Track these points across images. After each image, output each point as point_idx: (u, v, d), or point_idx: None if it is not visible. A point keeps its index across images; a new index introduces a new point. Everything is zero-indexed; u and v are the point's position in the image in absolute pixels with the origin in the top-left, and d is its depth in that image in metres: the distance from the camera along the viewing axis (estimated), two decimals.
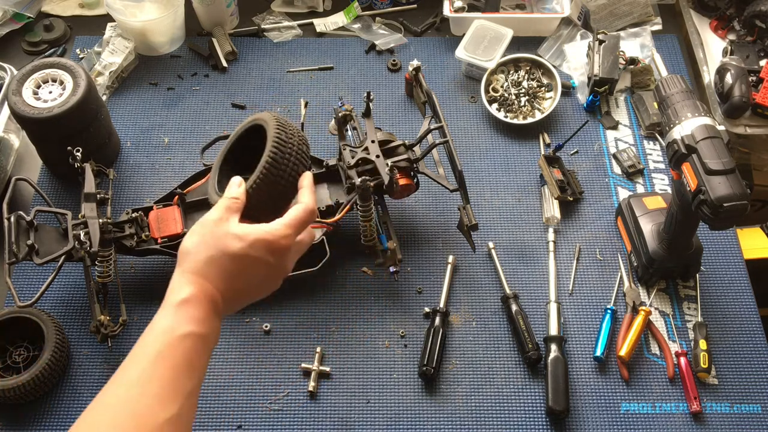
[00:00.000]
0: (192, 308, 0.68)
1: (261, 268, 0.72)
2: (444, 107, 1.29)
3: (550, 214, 1.21)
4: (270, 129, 0.81)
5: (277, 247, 0.72)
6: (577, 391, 1.06)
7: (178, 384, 0.64)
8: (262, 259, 0.71)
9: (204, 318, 0.68)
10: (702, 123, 0.95)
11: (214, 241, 0.70)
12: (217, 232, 0.71)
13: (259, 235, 0.71)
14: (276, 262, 0.73)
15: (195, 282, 0.69)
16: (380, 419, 1.04)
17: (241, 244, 0.70)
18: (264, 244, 0.71)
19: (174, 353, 0.65)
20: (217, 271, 0.70)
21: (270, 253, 0.72)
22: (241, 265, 0.70)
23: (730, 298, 1.14)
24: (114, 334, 1.05)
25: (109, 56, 1.36)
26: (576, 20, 1.45)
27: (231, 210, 0.74)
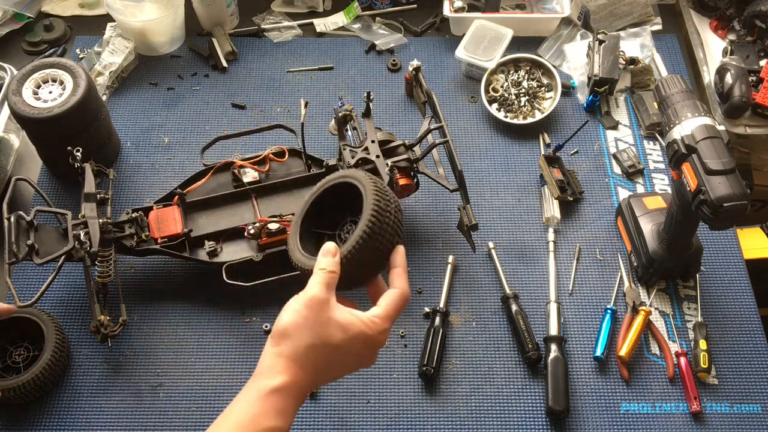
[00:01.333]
0: (281, 400, 0.66)
1: (353, 361, 0.71)
2: (444, 107, 1.29)
3: (550, 214, 1.21)
4: (368, 193, 0.74)
5: (374, 343, 0.70)
6: (577, 391, 1.06)
7: None
8: (358, 352, 0.70)
9: (290, 411, 0.67)
10: (702, 123, 0.95)
11: (317, 327, 0.68)
12: (320, 318, 0.68)
13: (361, 329, 0.69)
14: (368, 356, 0.71)
15: (290, 370, 0.67)
16: (380, 419, 1.04)
17: (342, 336, 0.68)
18: (364, 338, 0.69)
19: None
20: (313, 361, 0.68)
21: (367, 347, 0.70)
22: (337, 356, 0.69)
23: (730, 298, 1.14)
24: (114, 334, 1.05)
25: (109, 56, 1.36)
26: (576, 20, 1.45)
27: (330, 287, 0.70)
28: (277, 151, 1.18)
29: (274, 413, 0.65)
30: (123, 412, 1.04)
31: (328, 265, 0.71)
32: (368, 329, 0.69)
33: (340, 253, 0.72)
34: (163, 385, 1.07)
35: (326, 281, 0.70)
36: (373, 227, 0.72)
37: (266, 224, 1.07)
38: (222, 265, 1.07)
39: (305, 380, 0.68)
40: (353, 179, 0.77)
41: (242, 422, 0.65)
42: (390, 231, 0.74)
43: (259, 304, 1.13)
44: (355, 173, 0.78)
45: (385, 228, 0.73)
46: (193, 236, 1.10)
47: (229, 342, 1.10)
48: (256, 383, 0.67)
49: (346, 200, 0.78)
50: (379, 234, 0.72)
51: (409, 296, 0.73)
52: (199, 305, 1.13)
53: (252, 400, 0.66)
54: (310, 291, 0.69)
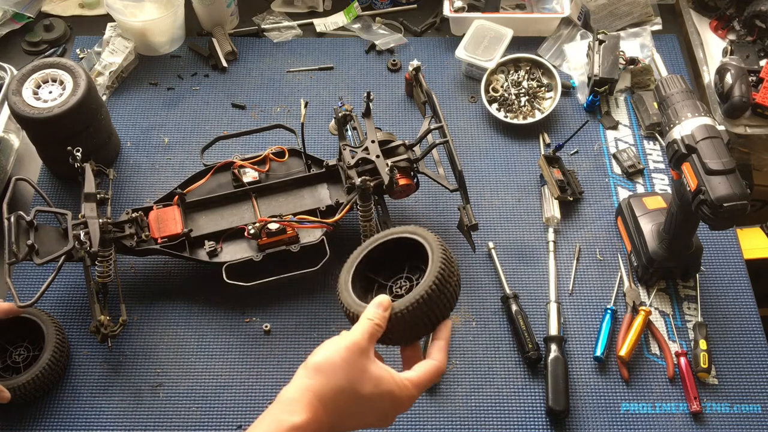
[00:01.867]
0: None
1: (374, 417, 0.70)
2: (444, 107, 1.29)
3: (550, 214, 1.21)
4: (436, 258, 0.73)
5: (400, 405, 0.70)
6: (577, 391, 1.06)
7: None
8: (382, 410, 0.70)
9: None
10: (702, 123, 0.95)
11: (351, 372, 0.68)
12: (357, 365, 0.68)
13: (392, 389, 0.69)
14: (390, 415, 0.71)
15: (314, 409, 0.67)
16: None
17: (373, 389, 0.68)
18: (391, 398, 0.69)
19: None
20: (338, 406, 0.68)
21: (392, 407, 0.70)
22: (362, 407, 0.69)
23: (730, 298, 1.14)
24: (114, 334, 1.05)
25: (109, 56, 1.36)
26: (576, 20, 1.45)
27: (373, 339, 0.70)
28: (277, 151, 1.18)
29: None
30: (123, 412, 1.04)
31: (377, 317, 0.71)
32: (399, 390, 0.69)
33: (393, 308, 0.71)
34: (163, 385, 1.07)
35: (371, 331, 0.70)
36: (432, 293, 0.71)
37: (266, 224, 1.07)
38: (222, 265, 1.07)
39: (324, 422, 0.67)
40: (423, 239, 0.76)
41: None
42: (447, 301, 0.73)
43: (259, 304, 1.13)
44: (426, 234, 0.77)
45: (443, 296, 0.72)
46: (193, 236, 1.10)
47: (229, 342, 1.10)
48: (279, 414, 0.67)
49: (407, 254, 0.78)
50: (436, 301, 0.71)
51: (444, 371, 0.73)
52: (199, 305, 1.13)
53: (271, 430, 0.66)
54: (354, 336, 0.69)
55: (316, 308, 1.13)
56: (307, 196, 1.16)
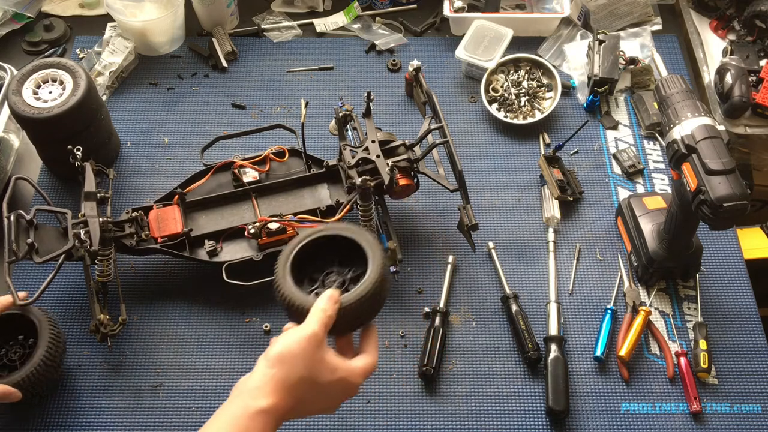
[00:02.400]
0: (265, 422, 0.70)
1: (330, 401, 0.76)
2: (444, 107, 1.29)
3: (550, 214, 1.21)
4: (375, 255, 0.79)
5: (351, 390, 0.76)
6: (577, 391, 1.06)
7: None
8: (337, 395, 0.75)
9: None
10: (702, 123, 0.95)
11: (311, 363, 0.72)
12: (316, 355, 0.72)
13: (345, 376, 0.74)
14: (341, 399, 0.76)
15: (281, 396, 0.71)
16: (380, 419, 1.04)
17: (329, 377, 0.73)
18: (345, 384, 0.75)
19: None
20: (300, 393, 0.72)
21: (344, 392, 0.75)
22: (321, 394, 0.74)
23: (730, 298, 1.14)
24: (114, 333, 1.05)
25: (109, 56, 1.36)
26: (576, 20, 1.45)
27: (327, 329, 0.74)
28: (277, 151, 1.18)
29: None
30: (123, 412, 1.04)
31: (329, 309, 0.75)
32: (351, 378, 0.75)
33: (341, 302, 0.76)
34: (163, 385, 1.07)
35: (325, 322, 0.74)
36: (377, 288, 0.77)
37: (266, 224, 1.07)
38: (222, 265, 1.07)
39: (287, 408, 0.71)
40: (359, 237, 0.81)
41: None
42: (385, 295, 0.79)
43: (259, 304, 1.13)
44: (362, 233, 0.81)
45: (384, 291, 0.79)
46: (193, 236, 1.10)
47: (229, 342, 1.10)
48: (244, 400, 0.71)
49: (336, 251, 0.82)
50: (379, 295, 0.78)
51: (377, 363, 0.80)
52: (199, 305, 1.13)
53: (238, 417, 0.70)
54: (312, 327, 0.73)
55: None
56: (307, 196, 1.16)
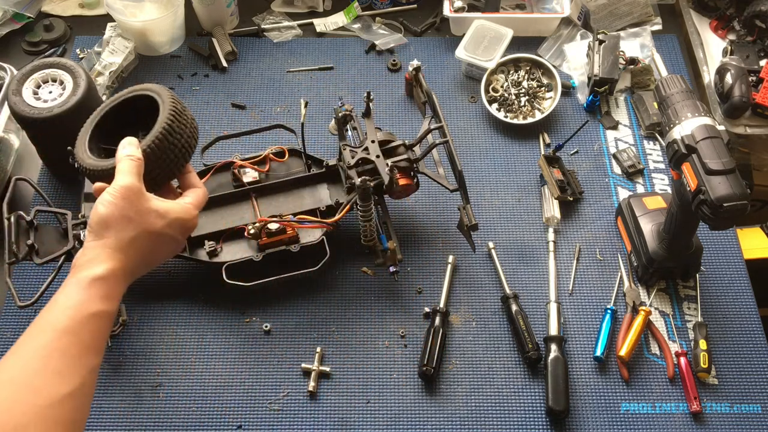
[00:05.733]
0: (106, 286, 0.68)
1: (171, 245, 0.76)
2: (444, 107, 1.29)
3: (550, 214, 1.21)
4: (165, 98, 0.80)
5: (188, 227, 0.77)
6: (577, 391, 1.06)
7: (82, 360, 0.64)
8: (175, 237, 0.75)
9: (115, 296, 0.69)
10: (702, 123, 0.95)
11: (138, 217, 0.71)
12: (140, 208, 0.71)
13: (178, 215, 0.74)
14: (182, 240, 0.77)
15: (114, 258, 0.69)
16: (380, 419, 1.04)
17: (162, 222, 0.72)
18: (180, 223, 0.74)
19: (82, 330, 0.65)
20: (138, 249, 0.71)
21: (182, 231, 0.76)
22: (158, 242, 0.73)
23: (730, 298, 1.14)
24: (114, 333, 1.05)
25: (109, 56, 1.36)
26: (576, 20, 1.45)
27: (140, 176, 0.73)
28: (277, 151, 1.18)
29: (99, 299, 0.67)
30: (123, 412, 1.04)
31: (133, 152, 0.73)
32: (185, 214, 0.75)
33: (142, 146, 0.75)
34: (163, 385, 1.07)
35: (135, 169, 0.72)
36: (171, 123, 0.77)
37: (266, 224, 1.07)
38: (222, 265, 1.07)
39: (129, 266, 0.70)
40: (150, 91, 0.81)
41: (69, 307, 0.65)
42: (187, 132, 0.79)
43: (259, 304, 1.13)
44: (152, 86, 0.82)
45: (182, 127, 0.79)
46: (193, 236, 1.10)
47: (229, 342, 1.10)
48: (77, 275, 0.67)
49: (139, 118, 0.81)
50: (178, 131, 0.78)
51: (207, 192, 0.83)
52: (199, 305, 1.13)
53: (77, 289, 0.67)
54: (122, 181, 0.71)
55: (316, 308, 1.13)
56: (307, 196, 1.16)
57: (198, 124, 1.32)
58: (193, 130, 0.81)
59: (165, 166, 0.77)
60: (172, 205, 0.74)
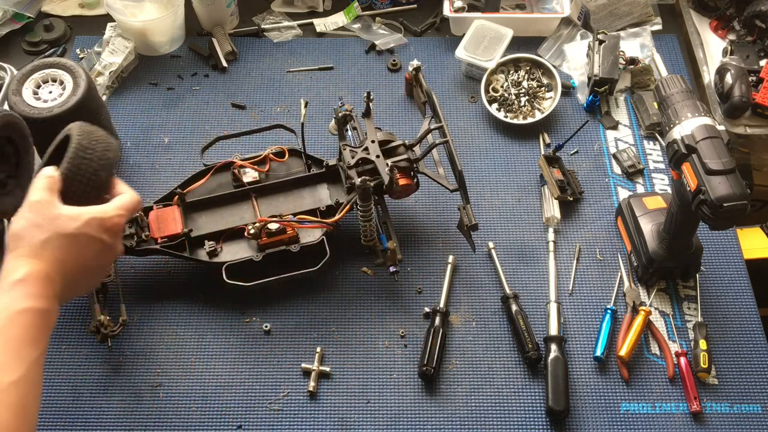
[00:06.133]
0: (29, 286, 0.69)
1: (96, 246, 0.74)
2: (444, 107, 1.29)
3: (550, 214, 1.21)
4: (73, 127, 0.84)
5: (111, 225, 0.75)
6: (577, 391, 1.06)
7: (21, 353, 0.66)
8: (97, 237, 0.74)
9: (42, 294, 0.70)
10: (702, 123, 0.95)
11: (46, 224, 0.72)
12: (48, 215, 0.72)
13: (93, 215, 0.74)
14: (110, 241, 0.76)
15: (30, 263, 0.70)
16: (380, 419, 1.04)
17: (76, 223, 0.72)
18: (98, 222, 0.74)
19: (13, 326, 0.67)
20: (52, 253, 0.71)
21: (104, 231, 0.75)
22: (77, 244, 0.73)
23: (730, 298, 1.14)
24: (114, 334, 1.05)
25: (109, 56, 1.36)
26: (576, 20, 1.45)
27: (53, 191, 0.75)
28: (277, 151, 1.18)
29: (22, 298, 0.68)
30: (123, 412, 1.04)
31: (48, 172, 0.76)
32: (101, 213, 0.74)
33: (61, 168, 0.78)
34: (163, 385, 1.07)
35: (47, 186, 0.74)
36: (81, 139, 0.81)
37: (266, 224, 1.07)
38: (222, 265, 1.07)
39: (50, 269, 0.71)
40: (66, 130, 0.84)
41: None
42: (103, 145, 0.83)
43: (259, 304, 1.13)
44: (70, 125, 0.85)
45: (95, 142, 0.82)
46: (193, 236, 1.10)
47: (229, 342, 1.10)
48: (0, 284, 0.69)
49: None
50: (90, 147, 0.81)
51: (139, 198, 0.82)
52: (199, 305, 1.13)
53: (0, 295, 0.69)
54: (31, 197, 0.73)
55: (316, 308, 1.13)
56: (307, 196, 1.16)
57: (198, 124, 1.34)
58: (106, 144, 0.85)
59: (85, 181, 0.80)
60: (84, 209, 0.75)
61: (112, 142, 0.86)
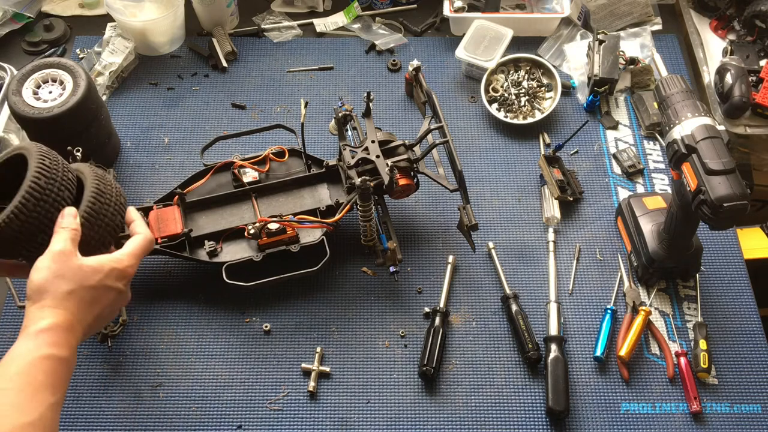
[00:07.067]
0: (53, 335, 0.72)
1: (113, 295, 0.79)
2: (444, 107, 1.29)
3: (550, 214, 1.21)
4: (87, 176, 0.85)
5: (126, 275, 0.80)
6: (577, 391, 1.06)
7: (38, 397, 0.69)
8: (115, 287, 0.78)
9: (64, 344, 0.72)
10: (702, 123, 0.95)
11: (71, 275, 0.75)
12: (72, 267, 0.75)
13: (112, 266, 0.78)
14: (124, 288, 0.80)
15: (55, 314, 0.73)
16: (380, 419, 1.04)
17: (98, 276, 0.76)
18: (117, 273, 0.78)
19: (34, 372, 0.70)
20: (76, 303, 0.75)
21: (120, 280, 0.79)
22: (98, 294, 0.77)
23: (730, 298, 1.14)
24: (114, 334, 1.05)
25: (109, 56, 1.36)
26: (576, 20, 1.45)
27: (75, 243, 0.78)
28: (277, 151, 1.18)
29: (46, 345, 0.71)
30: (123, 412, 1.04)
31: (71, 224, 0.79)
32: (118, 264, 0.79)
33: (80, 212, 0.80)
34: (163, 385, 1.07)
35: (71, 237, 0.77)
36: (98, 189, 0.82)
37: (266, 224, 1.07)
38: (222, 265, 1.07)
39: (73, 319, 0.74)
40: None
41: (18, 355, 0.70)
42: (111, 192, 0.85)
43: (259, 304, 1.13)
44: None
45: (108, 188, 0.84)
46: (193, 236, 1.10)
47: (229, 342, 1.10)
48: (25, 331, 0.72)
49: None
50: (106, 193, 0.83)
51: (152, 238, 0.86)
52: (199, 305, 1.13)
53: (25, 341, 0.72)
54: (55, 247, 0.76)
55: (316, 308, 1.13)
56: (307, 196, 1.16)
57: (198, 124, 1.34)
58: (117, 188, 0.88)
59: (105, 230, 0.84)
60: (103, 259, 0.78)
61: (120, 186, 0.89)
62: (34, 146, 0.83)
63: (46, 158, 0.82)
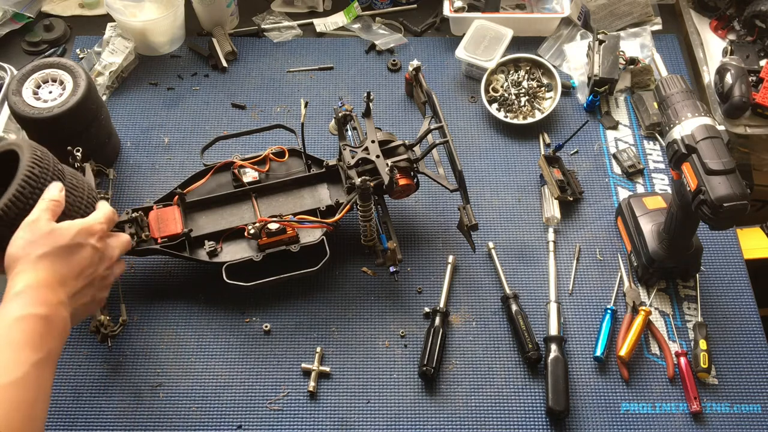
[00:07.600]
0: (27, 296, 0.73)
1: (87, 252, 0.80)
2: (444, 107, 1.29)
3: (550, 214, 1.21)
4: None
5: (96, 231, 0.82)
6: (577, 391, 1.06)
7: (19, 356, 0.69)
8: (88, 243, 0.80)
9: (41, 302, 0.73)
10: (702, 123, 0.95)
11: (43, 239, 0.77)
12: (42, 231, 0.78)
13: (80, 225, 0.81)
14: (99, 245, 0.82)
15: (28, 277, 0.74)
16: (380, 419, 1.04)
17: (69, 233, 0.79)
18: (86, 230, 0.81)
19: (12, 333, 0.70)
20: (50, 262, 0.76)
21: (91, 236, 0.81)
22: (71, 250, 0.79)
23: (730, 298, 1.14)
24: (114, 334, 1.05)
25: (109, 56, 1.36)
26: (576, 20, 1.45)
27: (50, 211, 0.81)
28: (277, 151, 1.18)
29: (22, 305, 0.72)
30: (123, 412, 1.04)
31: (52, 195, 0.83)
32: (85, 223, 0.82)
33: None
34: (163, 385, 1.07)
35: (48, 207, 0.81)
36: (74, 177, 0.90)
37: (266, 224, 1.07)
38: (222, 265, 1.07)
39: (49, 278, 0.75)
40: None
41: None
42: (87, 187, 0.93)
43: (259, 304, 1.13)
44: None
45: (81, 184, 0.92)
46: (193, 236, 1.10)
47: (229, 342, 1.10)
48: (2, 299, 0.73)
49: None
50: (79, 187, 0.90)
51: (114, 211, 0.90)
52: (199, 305, 1.13)
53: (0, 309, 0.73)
54: (29, 218, 0.79)
55: (316, 308, 1.13)
56: (307, 196, 1.16)
57: (198, 124, 1.34)
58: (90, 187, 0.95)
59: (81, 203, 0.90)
60: (71, 221, 0.81)
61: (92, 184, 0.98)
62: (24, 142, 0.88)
63: (38, 150, 0.88)
